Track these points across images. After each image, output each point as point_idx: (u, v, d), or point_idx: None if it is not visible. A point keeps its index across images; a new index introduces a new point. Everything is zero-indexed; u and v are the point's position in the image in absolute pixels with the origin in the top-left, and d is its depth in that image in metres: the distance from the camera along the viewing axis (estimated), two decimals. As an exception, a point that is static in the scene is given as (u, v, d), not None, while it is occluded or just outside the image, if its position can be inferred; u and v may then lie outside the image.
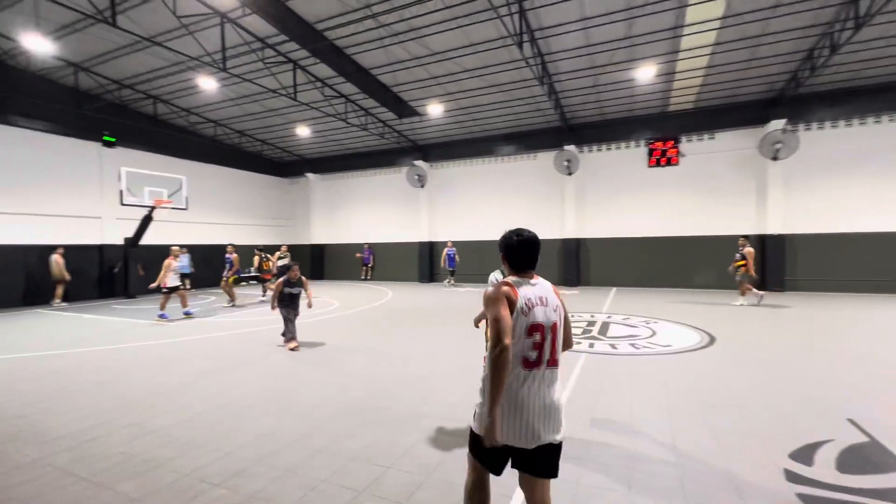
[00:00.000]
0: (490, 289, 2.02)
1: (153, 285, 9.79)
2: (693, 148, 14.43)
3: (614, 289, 14.69)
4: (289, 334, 6.81)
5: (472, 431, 2.08)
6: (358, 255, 19.78)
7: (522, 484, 2.04)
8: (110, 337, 7.96)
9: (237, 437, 3.66)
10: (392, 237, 19.60)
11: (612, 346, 6.70)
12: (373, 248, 19.89)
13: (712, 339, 7.01)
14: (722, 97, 13.37)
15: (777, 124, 12.78)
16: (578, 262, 15.90)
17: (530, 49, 10.49)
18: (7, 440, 3.65)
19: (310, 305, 7.25)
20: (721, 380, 4.97)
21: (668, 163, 14.66)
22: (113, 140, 14.61)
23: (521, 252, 2.08)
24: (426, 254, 18.45)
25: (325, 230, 21.46)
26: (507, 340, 1.83)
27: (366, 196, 20.45)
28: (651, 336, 7.36)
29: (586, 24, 9.90)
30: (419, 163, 18.30)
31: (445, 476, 2.97)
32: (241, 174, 19.91)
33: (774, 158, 12.83)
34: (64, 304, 12.58)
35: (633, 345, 6.76)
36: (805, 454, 3.20)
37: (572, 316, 9.37)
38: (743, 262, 10.53)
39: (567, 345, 2.17)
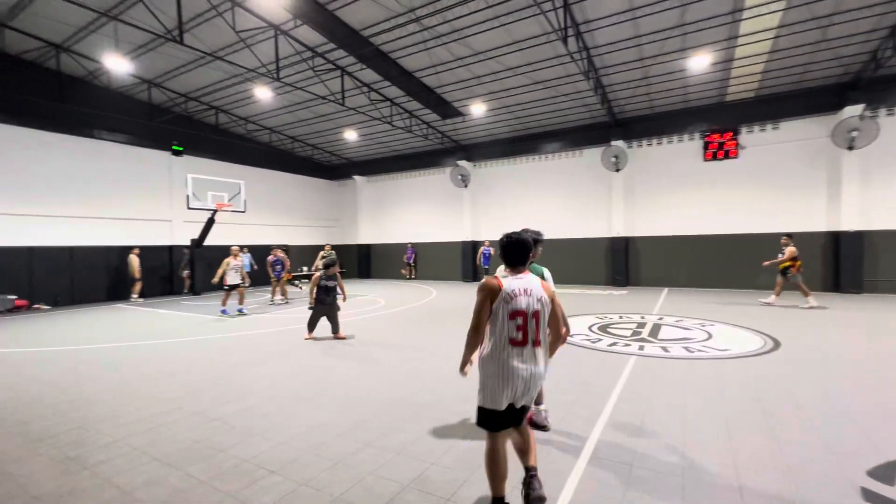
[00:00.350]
0: (482, 280, 2.51)
1: (215, 280, 10.53)
2: (754, 139, 13.47)
3: (666, 289, 14.02)
4: (336, 328, 7.60)
5: (478, 408, 2.52)
6: (403, 271, 20.23)
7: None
8: (178, 331, 8.64)
9: (291, 427, 3.86)
10: (436, 237, 19.82)
11: (664, 349, 6.41)
12: (416, 247, 20.23)
13: (777, 344, 6.52)
14: (787, 83, 12.38)
15: (853, 110, 11.65)
16: (627, 262, 15.32)
17: (575, 44, 10.24)
18: (91, 422, 4.07)
19: (344, 299, 7.97)
20: (787, 388, 4.62)
21: (726, 156, 13.77)
22: (180, 149, 15.84)
23: (510, 251, 2.57)
24: (469, 253, 18.49)
25: (371, 230, 22.07)
26: (479, 329, 2.47)
27: (410, 197, 20.81)
28: (707, 339, 6.97)
29: (635, 15, 9.53)
30: (462, 163, 18.37)
31: (489, 474, 2.98)
32: (294, 178, 20.90)
33: (850, 148, 11.72)
34: (140, 299, 13.80)
35: (686, 348, 6.43)
36: (886, 472, 2.92)
37: (620, 317, 9.06)
38: (789, 263, 10.02)
39: (557, 337, 2.61)
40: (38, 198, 12.53)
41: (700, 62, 10.91)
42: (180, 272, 15.41)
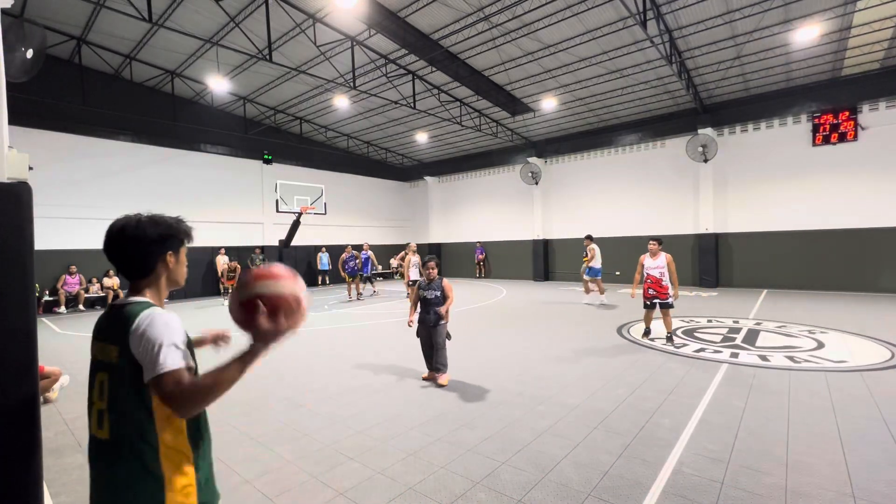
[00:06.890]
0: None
1: (407, 279, 11.11)
2: (879, 118, 11.59)
3: (764, 291, 12.59)
4: (435, 365, 5.03)
5: None
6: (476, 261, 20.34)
7: None
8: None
9: (369, 417, 4.07)
10: (506, 235, 19.65)
11: (762, 357, 5.77)
12: (485, 246, 20.25)
13: (909, 357, 5.58)
14: (925, 50, 10.49)
15: None
16: (717, 261, 13.98)
17: (656, 27, 9.56)
18: (202, 401, 4.62)
19: (446, 318, 5.04)
20: (922, 409, 3.94)
21: (842, 139, 12.00)
22: (270, 157, 17.37)
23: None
24: (540, 252, 18.09)
25: (442, 229, 22.46)
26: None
27: (480, 196, 20.85)
28: (816, 348, 6.15)
29: (726, -11, 8.67)
30: (533, 159, 18.00)
31: (560, 479, 2.91)
32: (369, 180, 21.94)
33: None
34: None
35: (790, 357, 5.73)
36: None
37: (708, 321, 8.33)
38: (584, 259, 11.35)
39: None
40: (157, 204, 14.36)
41: (807, 34, 9.62)
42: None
